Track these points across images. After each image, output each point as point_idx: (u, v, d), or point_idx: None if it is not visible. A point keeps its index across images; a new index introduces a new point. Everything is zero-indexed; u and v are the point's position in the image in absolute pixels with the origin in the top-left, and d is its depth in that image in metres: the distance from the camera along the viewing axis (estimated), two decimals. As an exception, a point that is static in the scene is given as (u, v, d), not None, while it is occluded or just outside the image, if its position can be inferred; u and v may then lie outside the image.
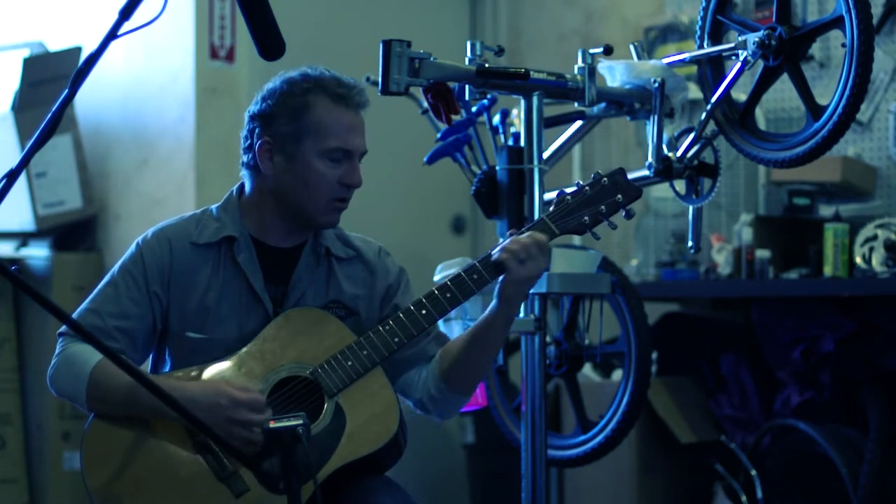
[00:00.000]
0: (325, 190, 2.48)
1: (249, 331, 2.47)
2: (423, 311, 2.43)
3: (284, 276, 2.53)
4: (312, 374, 2.42)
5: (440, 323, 2.61)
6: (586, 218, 2.48)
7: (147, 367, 2.57)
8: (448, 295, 2.44)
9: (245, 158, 2.54)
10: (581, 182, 2.52)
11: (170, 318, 2.49)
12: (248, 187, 2.56)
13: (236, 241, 2.51)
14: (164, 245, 2.51)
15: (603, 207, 2.48)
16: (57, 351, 2.46)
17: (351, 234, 2.64)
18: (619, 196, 2.49)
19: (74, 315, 2.46)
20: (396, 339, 2.43)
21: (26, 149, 2.06)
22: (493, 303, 2.47)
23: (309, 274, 2.54)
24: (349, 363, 2.42)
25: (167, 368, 2.51)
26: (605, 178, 2.50)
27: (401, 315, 2.44)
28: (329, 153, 2.47)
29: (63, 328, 2.46)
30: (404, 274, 2.64)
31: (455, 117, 2.93)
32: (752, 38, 2.73)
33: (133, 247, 2.53)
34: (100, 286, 2.51)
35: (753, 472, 4.12)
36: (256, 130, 2.50)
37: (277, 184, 2.50)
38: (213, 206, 2.57)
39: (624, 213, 2.51)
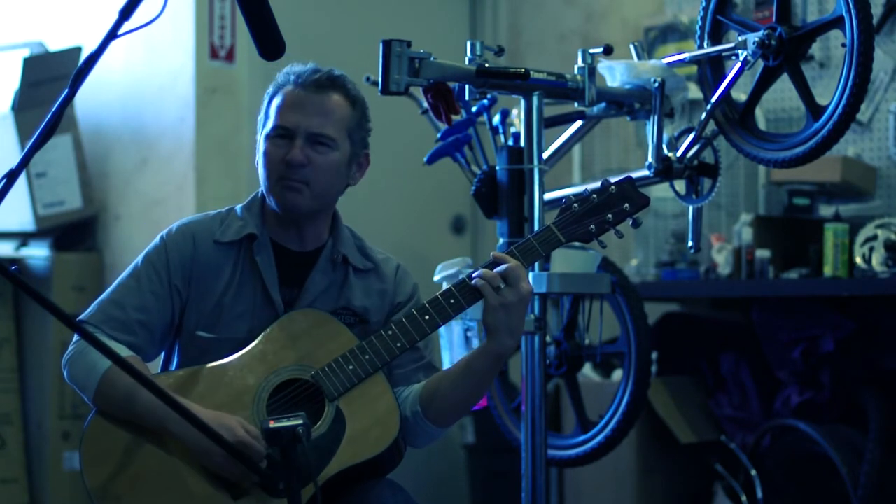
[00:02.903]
0: (272, 170, 2.49)
1: (260, 333, 2.47)
2: (427, 317, 2.42)
3: (299, 280, 2.53)
4: (314, 378, 2.41)
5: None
6: (593, 226, 2.46)
7: (157, 364, 2.57)
8: (452, 301, 2.41)
9: None
10: (589, 188, 2.50)
11: (186, 315, 2.49)
12: None
13: (256, 240, 2.52)
14: (189, 240, 2.51)
15: (610, 216, 2.47)
16: (75, 338, 2.43)
17: (372, 247, 2.63)
18: (627, 205, 2.48)
19: (97, 305, 2.47)
20: (399, 344, 2.42)
21: (26, 149, 2.07)
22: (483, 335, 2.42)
23: (323, 279, 2.53)
24: (350, 367, 2.41)
25: (174, 367, 2.52)
26: (613, 186, 2.49)
27: (404, 320, 2.43)
28: (272, 131, 2.49)
29: (83, 316, 2.45)
30: (417, 292, 2.63)
31: (455, 117, 2.93)
32: (752, 38, 2.73)
33: (157, 239, 2.53)
34: (122, 277, 2.51)
35: (753, 472, 4.12)
36: None
37: None
38: (238, 206, 2.58)
39: (631, 222, 2.50)
